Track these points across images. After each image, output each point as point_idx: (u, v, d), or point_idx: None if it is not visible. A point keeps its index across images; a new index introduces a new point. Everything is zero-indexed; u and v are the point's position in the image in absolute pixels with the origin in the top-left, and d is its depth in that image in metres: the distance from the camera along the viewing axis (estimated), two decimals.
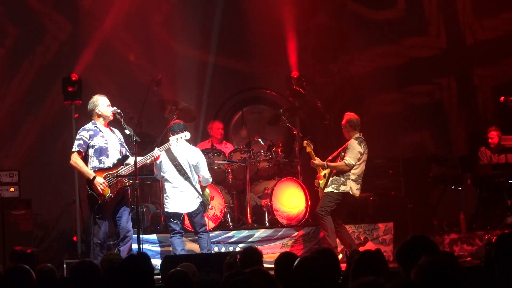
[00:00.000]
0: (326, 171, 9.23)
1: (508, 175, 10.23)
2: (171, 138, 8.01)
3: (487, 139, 10.65)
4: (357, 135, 9.21)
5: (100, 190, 7.57)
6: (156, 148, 8.00)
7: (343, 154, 9.18)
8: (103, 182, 7.60)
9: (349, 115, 9.26)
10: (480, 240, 9.75)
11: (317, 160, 9.21)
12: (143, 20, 11.84)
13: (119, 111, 7.76)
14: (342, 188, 9.07)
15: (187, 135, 8.11)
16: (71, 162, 7.77)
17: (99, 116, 7.81)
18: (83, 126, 7.94)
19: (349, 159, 9.08)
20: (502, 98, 10.46)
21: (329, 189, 9.10)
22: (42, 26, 11.66)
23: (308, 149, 9.28)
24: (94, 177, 7.59)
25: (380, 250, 4.73)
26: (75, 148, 7.73)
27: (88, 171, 7.66)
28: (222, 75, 12.33)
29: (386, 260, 4.66)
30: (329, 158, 9.44)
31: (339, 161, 9.16)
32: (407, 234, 8.46)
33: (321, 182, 9.24)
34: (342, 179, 9.08)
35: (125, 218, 7.84)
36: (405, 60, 12.66)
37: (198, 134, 11.46)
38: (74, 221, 10.17)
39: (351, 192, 9.10)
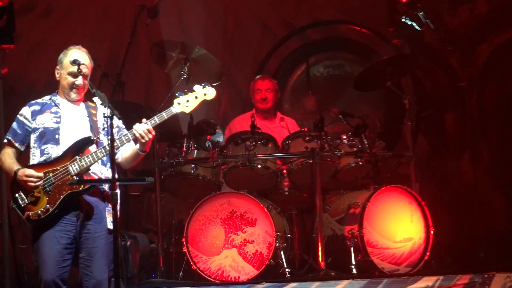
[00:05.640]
0: None
1: None
2: (176, 101, 7.09)
3: None
4: None
5: (30, 187, 6.95)
6: (145, 120, 7.07)
7: None
8: (30, 175, 6.94)
9: None
10: None
11: None
12: None
13: (81, 61, 7.06)
14: None
15: (208, 92, 7.10)
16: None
17: (59, 82, 7.35)
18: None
19: None
20: None
21: None
22: None
23: None
24: (16, 172, 7.05)
25: None
26: (5, 138, 7.49)
27: (10, 165, 7.17)
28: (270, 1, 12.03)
29: None
30: None
31: None
32: None
33: None
34: None
35: (98, 260, 7.05)
36: None
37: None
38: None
39: None
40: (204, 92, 7.15)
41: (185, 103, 7.12)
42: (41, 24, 11.08)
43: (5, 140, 7.32)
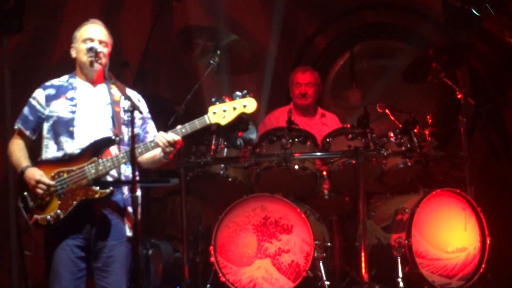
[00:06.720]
0: None
1: None
2: (212, 109, 6.90)
3: None
4: None
5: (37, 194, 6.92)
6: (179, 127, 6.84)
7: None
8: (41, 181, 6.86)
9: None
10: None
11: None
12: None
13: (97, 48, 6.99)
14: None
15: (248, 104, 6.88)
16: (8, 148, 7.38)
17: (75, 61, 7.28)
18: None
19: None
20: None
21: None
22: None
23: None
24: (24, 171, 6.98)
25: None
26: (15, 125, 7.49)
27: (18, 159, 7.14)
28: None
29: None
30: None
31: None
32: None
33: None
34: None
35: (116, 271, 6.95)
36: None
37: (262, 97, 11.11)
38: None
39: None
40: (244, 104, 6.92)
41: (221, 113, 6.92)
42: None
43: (16, 127, 7.17)
